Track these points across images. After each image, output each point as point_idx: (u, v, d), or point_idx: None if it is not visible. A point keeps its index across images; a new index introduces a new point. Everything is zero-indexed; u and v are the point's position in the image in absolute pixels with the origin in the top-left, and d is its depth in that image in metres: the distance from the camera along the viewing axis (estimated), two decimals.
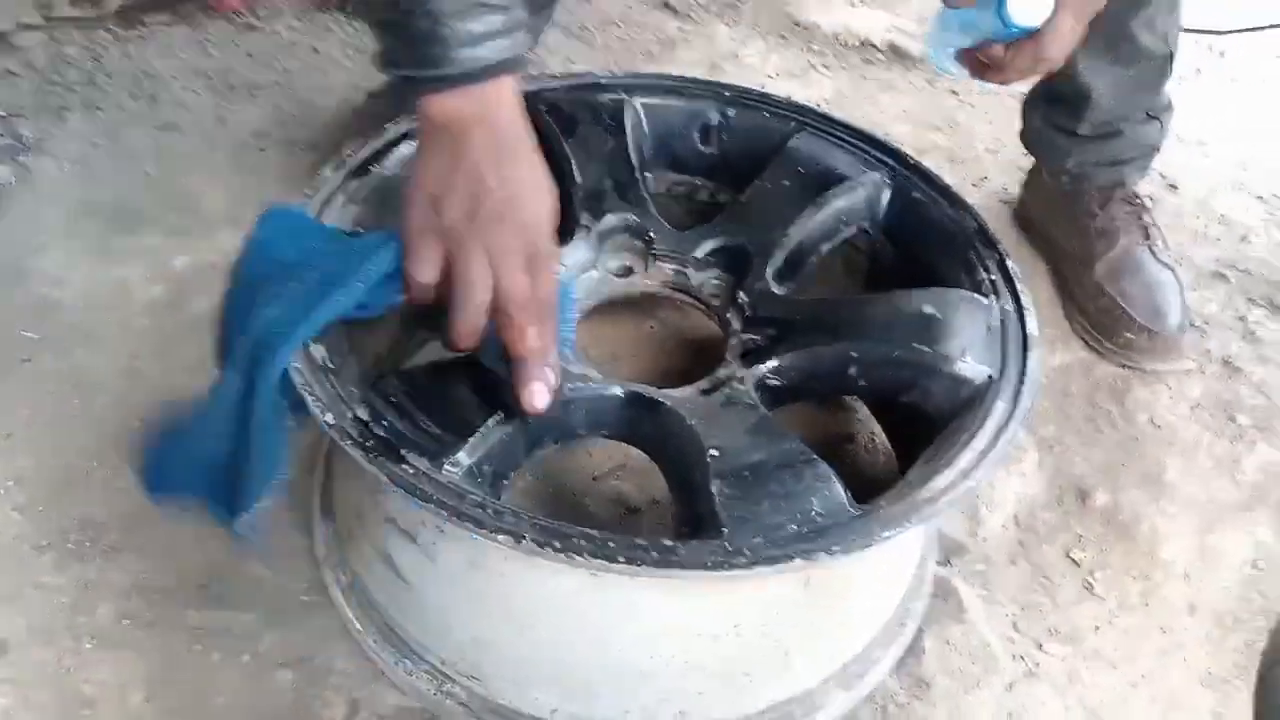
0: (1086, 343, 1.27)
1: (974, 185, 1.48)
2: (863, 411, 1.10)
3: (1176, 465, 1.14)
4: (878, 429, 1.08)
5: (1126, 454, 1.15)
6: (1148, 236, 1.27)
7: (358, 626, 0.90)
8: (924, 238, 0.99)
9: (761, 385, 0.87)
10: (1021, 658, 0.99)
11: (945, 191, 1.00)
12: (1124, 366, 1.24)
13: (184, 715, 0.87)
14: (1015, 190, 1.45)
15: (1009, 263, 0.93)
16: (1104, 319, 1.24)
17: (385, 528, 0.81)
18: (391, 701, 0.89)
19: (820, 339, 0.89)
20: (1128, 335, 1.22)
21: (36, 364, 1.12)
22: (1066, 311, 1.30)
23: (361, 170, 0.94)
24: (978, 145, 1.55)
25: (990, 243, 0.95)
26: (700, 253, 1.00)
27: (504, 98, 0.74)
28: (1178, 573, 1.06)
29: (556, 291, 0.78)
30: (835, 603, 0.81)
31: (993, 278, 0.92)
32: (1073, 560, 1.06)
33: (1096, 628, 1.02)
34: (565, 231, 1.01)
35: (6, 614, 0.92)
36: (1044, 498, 1.11)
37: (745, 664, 0.81)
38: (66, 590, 0.94)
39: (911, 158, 1.04)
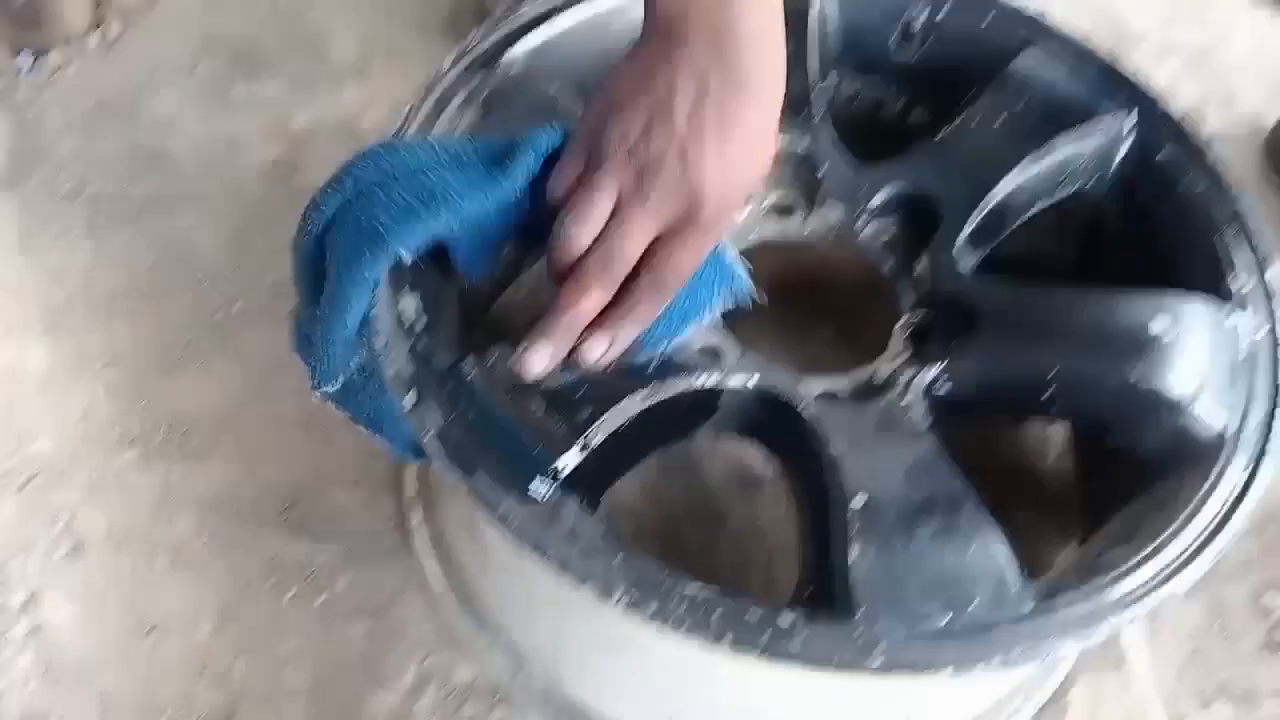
0: None
1: (1218, 107, 1.22)
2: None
3: None
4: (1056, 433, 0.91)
5: None
6: None
7: (438, 587, 0.82)
8: (1164, 213, 0.79)
9: (930, 391, 0.71)
10: (1182, 718, 0.84)
11: (1201, 156, 0.79)
12: None
13: (250, 656, 0.82)
14: (1271, 117, 1.19)
15: (1269, 271, 0.73)
16: None
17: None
18: (464, 675, 0.81)
19: (1013, 341, 0.72)
20: None
21: (141, 224, 1.05)
22: None
23: (489, 61, 0.79)
24: (1232, 52, 1.28)
25: (1250, 237, 0.75)
26: (879, 198, 0.82)
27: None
28: None
29: (682, 278, 0.63)
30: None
31: (1245, 288, 0.73)
32: (1263, 607, 0.90)
33: (1276, 691, 0.86)
34: None
35: (88, 511, 0.88)
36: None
37: None
38: (148, 493, 0.89)
39: (1164, 102, 0.82)
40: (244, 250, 1.03)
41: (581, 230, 0.61)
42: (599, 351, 0.63)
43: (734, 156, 0.60)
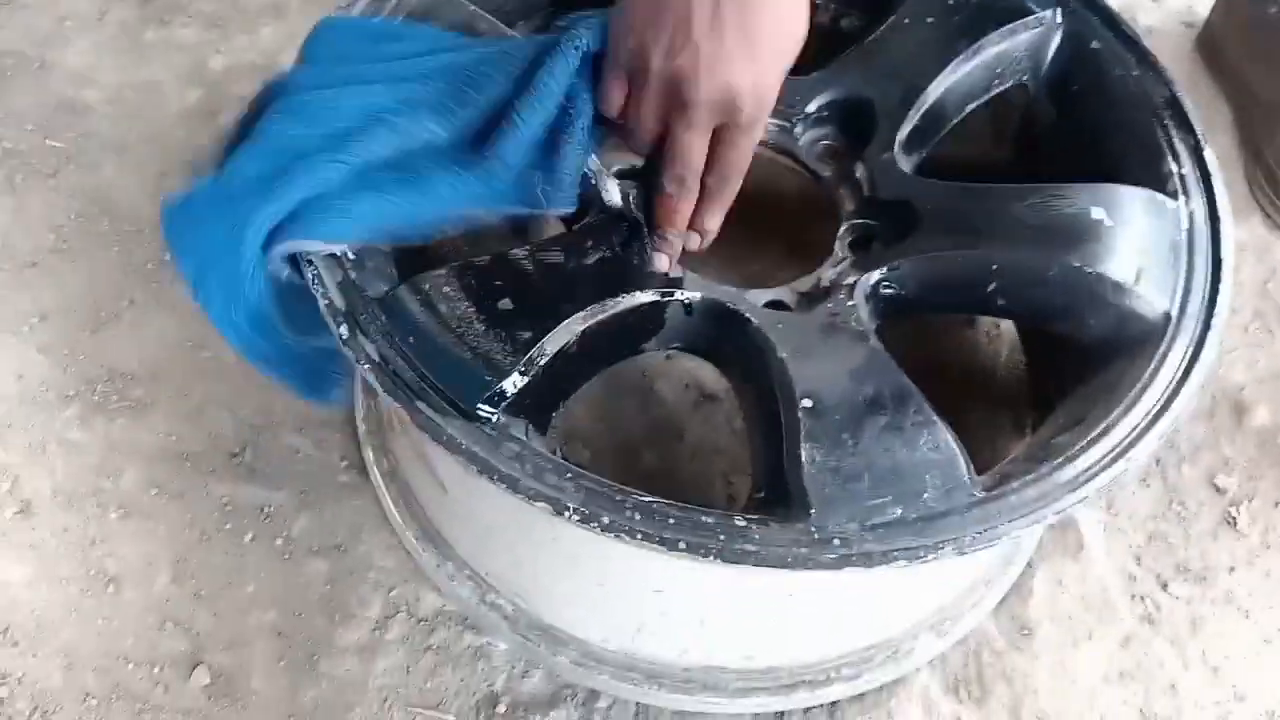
0: (1267, 214, 1.06)
1: (1151, 1, 1.22)
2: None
3: None
4: (1008, 329, 0.92)
5: None
6: None
7: (398, 520, 0.82)
8: (1098, 104, 0.79)
9: (874, 293, 0.71)
10: (1142, 598, 0.86)
11: (1133, 45, 0.79)
12: None
13: (212, 602, 0.81)
14: (1203, 10, 1.19)
15: (1206, 153, 0.73)
16: None
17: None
18: (431, 604, 0.81)
19: (954, 239, 0.72)
20: None
21: (62, 178, 1.02)
22: (1248, 173, 1.09)
23: None
24: None
25: (1185, 122, 0.75)
26: (813, 105, 0.81)
27: None
28: None
29: (742, 169, 0.67)
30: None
31: (1183, 170, 0.73)
32: (1216, 487, 0.92)
33: (1232, 568, 0.88)
34: None
35: (32, 471, 0.86)
36: (1193, 408, 0.95)
37: (822, 618, 0.71)
38: (92, 449, 0.87)
39: None
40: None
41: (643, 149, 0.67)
42: (698, 244, 0.71)
43: (760, 48, 0.60)
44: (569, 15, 0.67)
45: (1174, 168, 0.73)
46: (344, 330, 0.61)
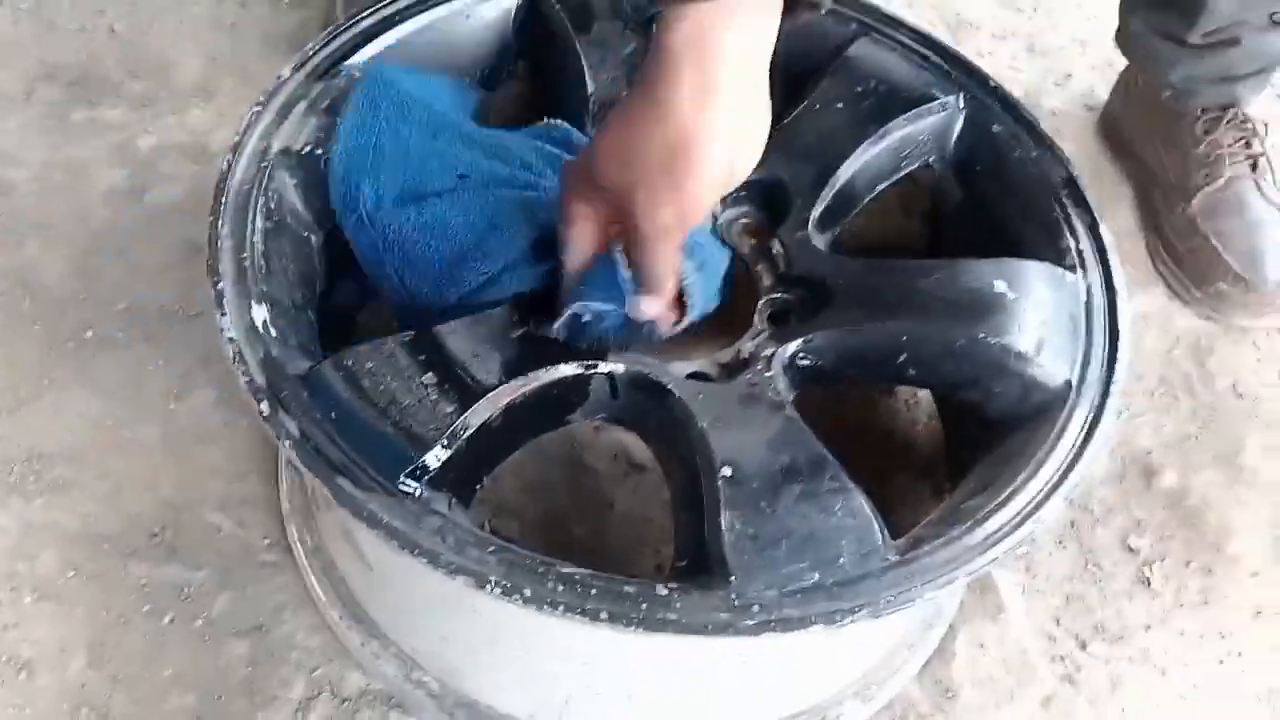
0: (1169, 286, 1.11)
1: (1056, 84, 1.29)
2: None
3: (1257, 444, 1.01)
4: (925, 397, 0.95)
5: (1202, 426, 1.02)
6: (1255, 168, 1.09)
7: (322, 597, 0.81)
8: (1000, 183, 0.83)
9: (791, 365, 0.73)
10: (1061, 659, 0.88)
11: (1032, 128, 0.83)
12: (1209, 319, 1.08)
13: (130, 686, 0.79)
14: (1104, 93, 1.26)
15: (1103, 229, 0.77)
16: (1194, 261, 1.08)
17: None
18: (356, 683, 0.80)
19: (866, 313, 0.74)
20: (1219, 284, 1.06)
21: None
22: (1150, 246, 1.14)
23: (329, 70, 0.79)
24: (1065, 34, 1.34)
25: (1081, 200, 0.79)
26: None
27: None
28: (1245, 570, 0.94)
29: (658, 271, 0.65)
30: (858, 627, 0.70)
31: (1080, 246, 0.77)
32: (1129, 548, 0.95)
33: (1148, 626, 0.91)
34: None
35: None
36: (1104, 473, 0.98)
37: (748, 688, 0.71)
38: (9, 531, 0.86)
39: (993, 80, 0.86)
40: (93, 276, 1.00)
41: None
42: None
43: (699, 187, 0.61)
44: None
45: (1072, 243, 0.77)
46: (265, 407, 0.61)
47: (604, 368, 0.70)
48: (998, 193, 0.83)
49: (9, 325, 0.96)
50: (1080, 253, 0.76)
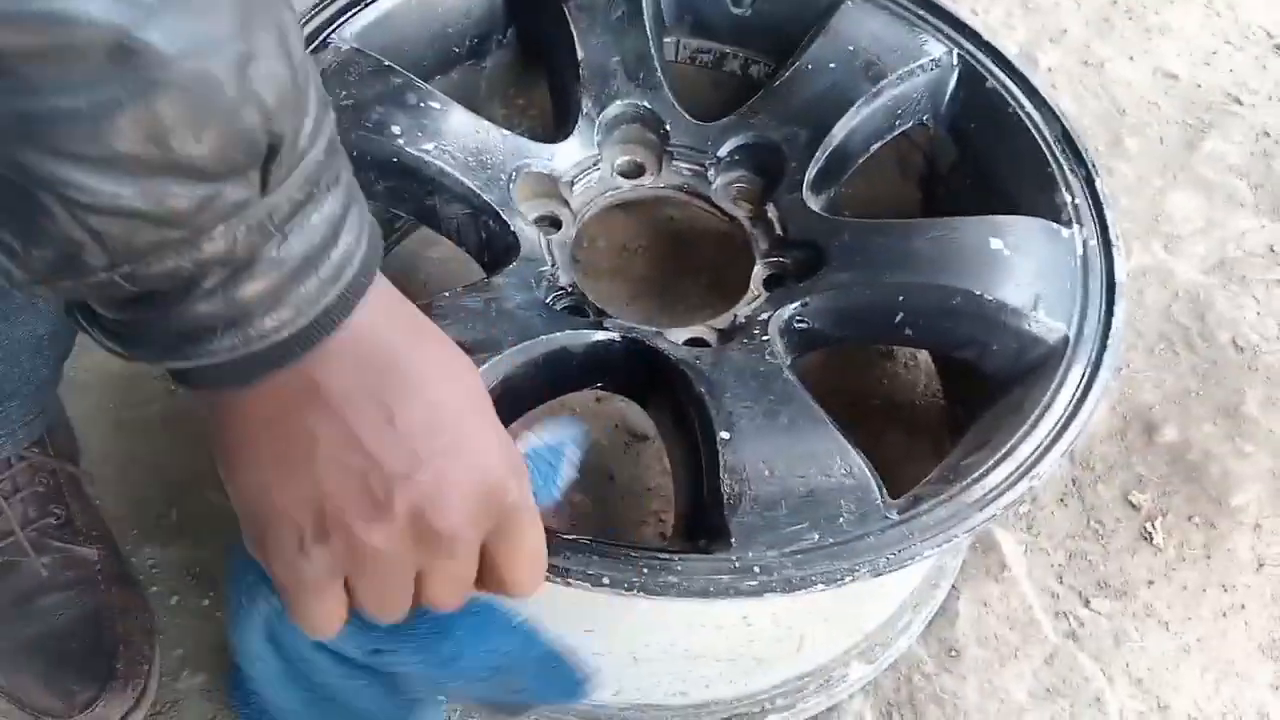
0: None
1: (1051, 40, 1.28)
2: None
3: (1257, 396, 1.01)
4: (925, 359, 0.95)
5: (1202, 381, 1.01)
6: None
7: None
8: (994, 140, 0.83)
9: (788, 328, 0.73)
10: (1065, 615, 0.89)
11: (1024, 83, 0.82)
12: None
13: None
14: (1099, 49, 1.25)
15: (1098, 183, 0.77)
16: None
17: None
18: None
19: (862, 273, 0.74)
20: None
21: None
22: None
23: (315, 41, 0.78)
24: None
25: (1078, 154, 0.78)
26: (724, 150, 0.84)
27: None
28: (1247, 522, 0.94)
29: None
30: (860, 587, 0.70)
31: (1076, 201, 0.76)
32: (1131, 504, 0.95)
33: (1151, 581, 0.91)
34: (565, 120, 0.85)
35: None
36: (1105, 429, 0.98)
37: (755, 650, 0.72)
38: None
39: (985, 36, 0.85)
40: None
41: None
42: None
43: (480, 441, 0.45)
44: None
45: (1067, 198, 0.76)
46: None
47: (601, 335, 0.70)
48: (993, 150, 0.82)
49: None
50: (1076, 207, 0.76)
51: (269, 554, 0.42)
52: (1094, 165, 0.78)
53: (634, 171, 0.85)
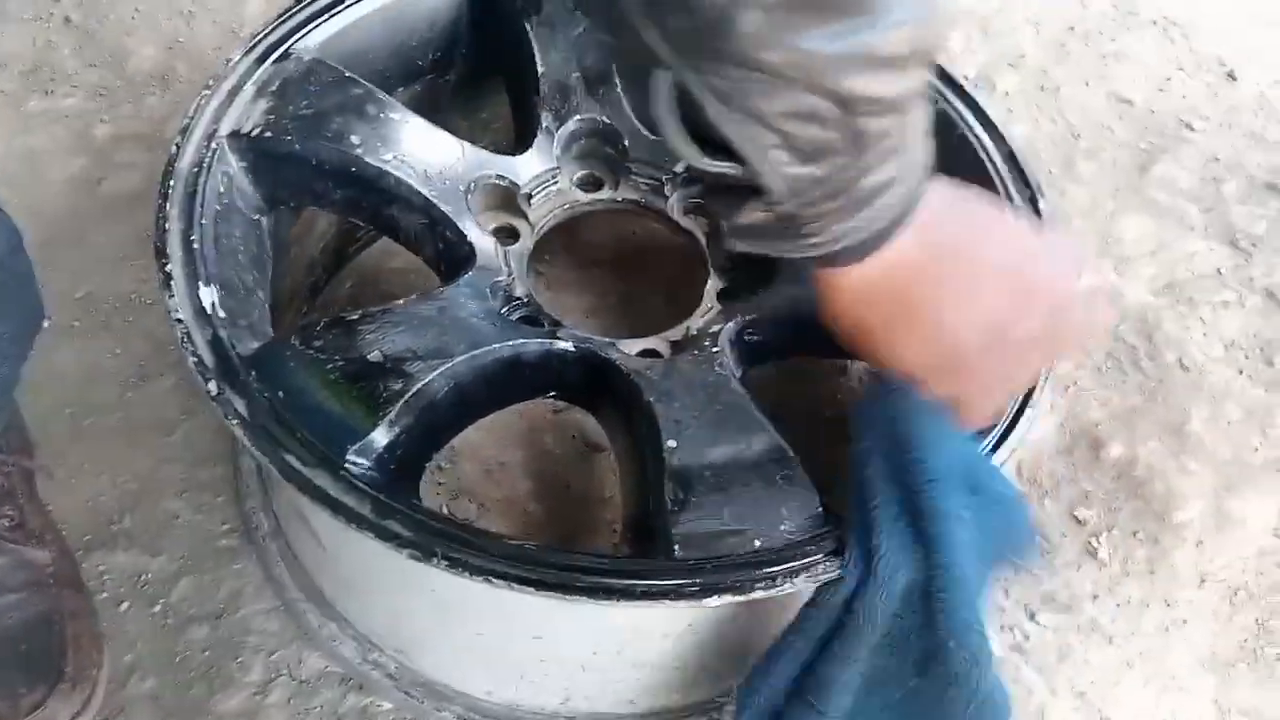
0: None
1: (1010, 65, 1.30)
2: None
3: (1202, 415, 1.03)
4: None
5: (1149, 399, 1.04)
6: None
7: (280, 580, 0.82)
8: (945, 161, 0.84)
9: (739, 340, 0.75)
10: (1010, 629, 0.90)
11: (973, 105, 0.84)
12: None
13: None
14: (1057, 74, 1.28)
15: (1042, 204, 0.79)
16: None
17: None
18: (314, 666, 0.81)
19: (809, 287, 0.75)
20: None
21: None
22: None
23: (279, 54, 0.79)
24: (1017, 15, 1.36)
25: (1022, 176, 0.80)
26: (681, 166, 0.85)
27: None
28: (1190, 538, 0.96)
29: None
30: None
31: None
32: (1077, 519, 0.97)
33: (1095, 596, 0.93)
34: (525, 133, 0.86)
35: None
36: (1052, 445, 1.00)
37: (701, 657, 0.72)
38: None
39: (936, 61, 0.87)
40: (50, 265, 0.99)
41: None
42: None
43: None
44: None
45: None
46: (212, 386, 0.62)
47: (553, 346, 0.71)
48: (944, 171, 0.84)
49: None
50: None
51: (961, 368, 0.59)
52: (1039, 186, 0.80)
53: (593, 185, 0.86)
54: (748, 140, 0.49)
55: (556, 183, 0.84)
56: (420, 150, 0.78)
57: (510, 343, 0.70)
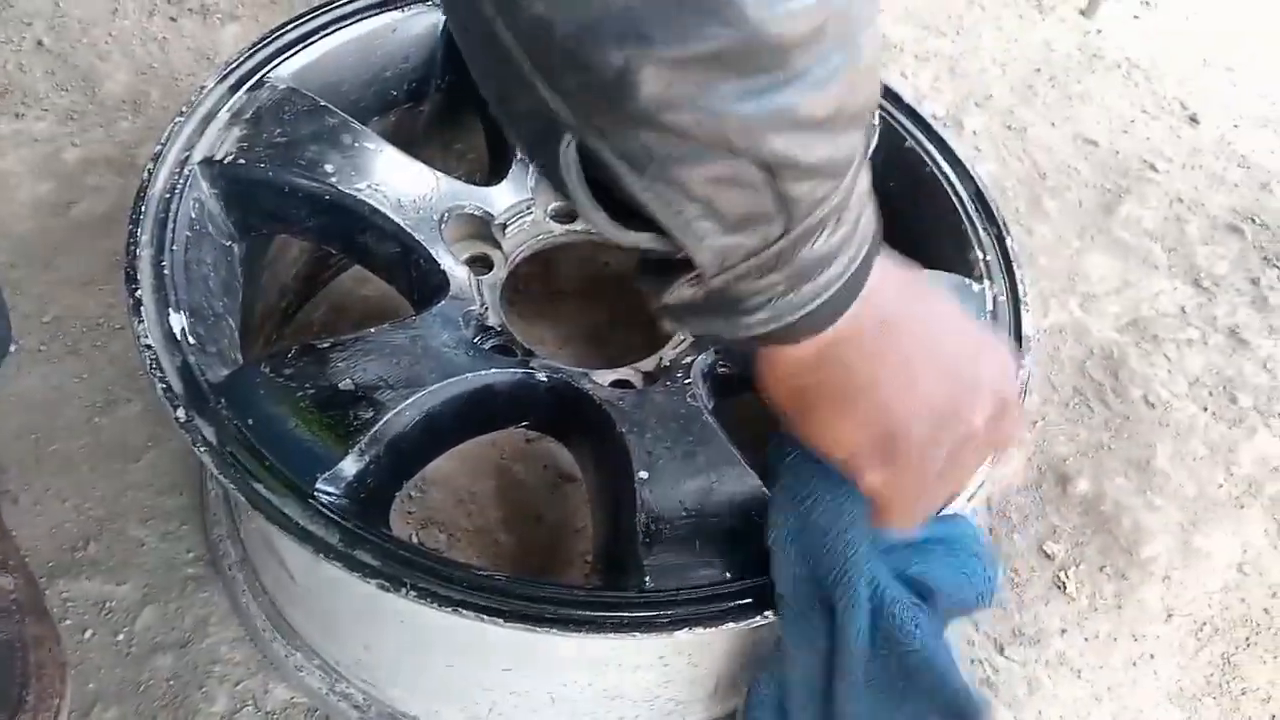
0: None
1: (977, 104, 1.33)
2: None
3: (1167, 451, 1.04)
4: None
5: (1115, 435, 1.05)
6: None
7: (246, 609, 0.81)
8: (912, 198, 0.86)
9: (710, 372, 0.75)
10: (980, 662, 0.91)
11: (941, 144, 0.86)
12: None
13: None
14: (1023, 113, 1.31)
15: (1009, 241, 0.80)
16: None
17: None
18: (280, 696, 0.80)
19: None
20: None
21: None
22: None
23: (253, 81, 0.79)
24: (984, 56, 1.39)
25: (989, 213, 0.82)
26: None
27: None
28: (1157, 573, 0.97)
29: None
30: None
31: (987, 257, 0.80)
32: (1045, 554, 0.97)
33: (1064, 630, 0.93)
34: (499, 164, 0.87)
35: None
36: (1020, 481, 1.01)
37: (672, 690, 0.72)
38: None
39: (905, 98, 0.89)
40: (18, 289, 0.99)
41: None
42: None
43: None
44: None
45: (980, 254, 0.79)
46: (181, 413, 0.61)
47: (526, 375, 0.71)
48: (911, 208, 0.85)
49: None
50: (988, 264, 0.79)
51: (898, 457, 0.52)
52: (1005, 224, 0.81)
53: (566, 216, 0.86)
54: (667, 209, 0.43)
55: (531, 213, 0.85)
56: (394, 180, 0.78)
57: (483, 372, 0.70)
